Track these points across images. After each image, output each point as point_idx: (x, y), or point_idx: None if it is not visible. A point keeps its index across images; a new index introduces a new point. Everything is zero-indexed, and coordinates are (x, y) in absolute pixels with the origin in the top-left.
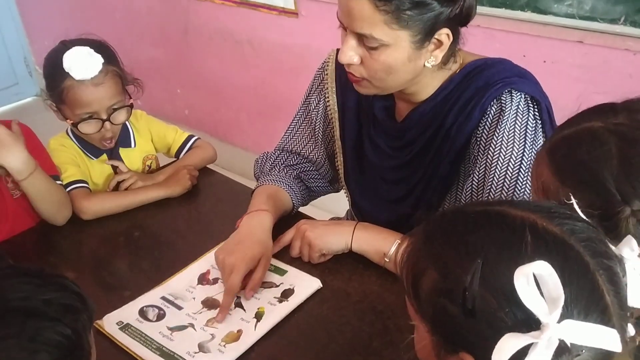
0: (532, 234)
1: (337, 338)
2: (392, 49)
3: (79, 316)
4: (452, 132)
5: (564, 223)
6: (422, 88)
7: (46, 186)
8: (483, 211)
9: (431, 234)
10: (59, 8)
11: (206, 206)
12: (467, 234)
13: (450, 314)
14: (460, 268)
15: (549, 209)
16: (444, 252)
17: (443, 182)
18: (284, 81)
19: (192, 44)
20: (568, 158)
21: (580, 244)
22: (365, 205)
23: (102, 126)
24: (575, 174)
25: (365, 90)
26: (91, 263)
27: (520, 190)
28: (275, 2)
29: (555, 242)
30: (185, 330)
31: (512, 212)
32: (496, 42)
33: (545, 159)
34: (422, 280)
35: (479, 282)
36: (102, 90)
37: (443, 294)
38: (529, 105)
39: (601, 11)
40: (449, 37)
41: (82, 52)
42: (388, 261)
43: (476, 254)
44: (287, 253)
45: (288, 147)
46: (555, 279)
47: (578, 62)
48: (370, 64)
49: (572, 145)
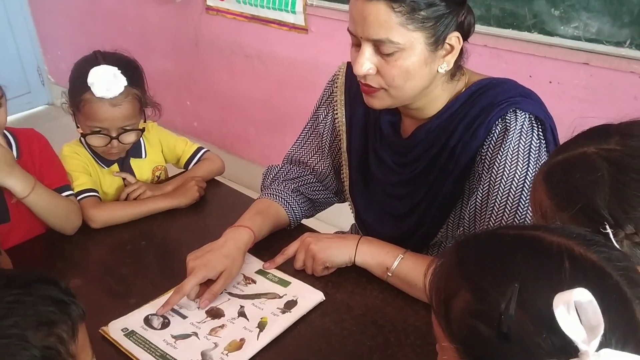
0: (570, 261)
1: (338, 350)
2: (408, 53)
3: (52, 330)
4: (457, 151)
5: (600, 251)
6: (431, 102)
7: (49, 201)
8: (518, 235)
9: (464, 255)
10: (73, 19)
11: (213, 217)
12: (503, 257)
13: (483, 337)
14: (496, 291)
15: (585, 236)
16: (479, 274)
17: (447, 199)
18: (292, 96)
19: (203, 57)
20: (563, 183)
21: (617, 272)
22: (369, 219)
23: (110, 142)
24: (570, 199)
25: (380, 102)
26: (98, 270)
27: (523, 210)
28: (286, 18)
29: (593, 270)
30: (189, 339)
31: (548, 237)
32: (502, 62)
33: (542, 184)
34: (454, 301)
35: (516, 305)
36: (118, 111)
37: (477, 316)
38: (533, 125)
39: (607, 34)
40: (459, 41)
41: (108, 72)
42: (391, 275)
43: (513, 278)
44: (290, 265)
45: (296, 157)
46: (595, 307)
47: (583, 84)
48: (388, 71)
49: (567, 170)
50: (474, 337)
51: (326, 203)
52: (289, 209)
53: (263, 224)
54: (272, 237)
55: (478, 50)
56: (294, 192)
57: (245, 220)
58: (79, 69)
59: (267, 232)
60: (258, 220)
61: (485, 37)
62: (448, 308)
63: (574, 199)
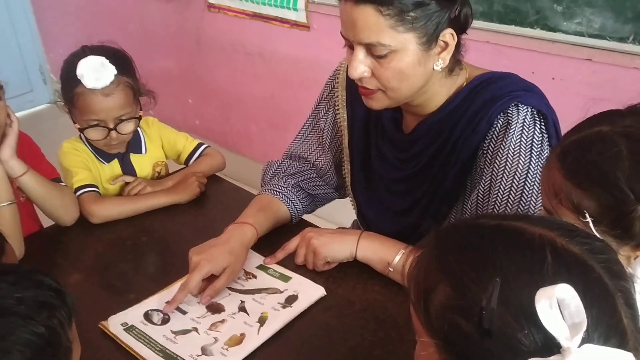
0: (552, 254)
1: (339, 346)
2: (401, 54)
3: (54, 313)
4: (458, 145)
5: (583, 242)
6: (431, 98)
7: (44, 183)
8: (498, 226)
9: (444, 246)
10: (75, 17)
11: (213, 213)
12: (483, 250)
13: (464, 333)
14: (477, 285)
15: (567, 227)
16: (459, 268)
17: (449, 195)
18: (294, 93)
19: (204, 55)
20: (580, 161)
21: (599, 265)
22: (370, 215)
23: (108, 134)
24: (588, 175)
25: (378, 103)
26: (98, 266)
27: (526, 203)
28: (288, 16)
29: (576, 263)
30: (189, 334)
31: (529, 229)
32: (505, 58)
33: (556, 164)
34: (434, 295)
35: (497, 301)
36: (112, 101)
37: (457, 311)
38: (535, 118)
39: (610, 29)
40: (453, 37)
41: (96, 61)
42: (392, 270)
43: (494, 272)
44: (291, 260)
45: (296, 152)
46: (577, 303)
47: (586, 80)
48: (382, 74)
49: (583, 148)
50: (454, 333)
51: (326, 199)
52: (290, 204)
53: (265, 221)
54: (272, 232)
55: (480, 47)
56: (294, 188)
57: (248, 217)
58: (68, 64)
59: (268, 228)
60: (260, 217)
61: (487, 34)
62: (427, 302)
63: (592, 175)
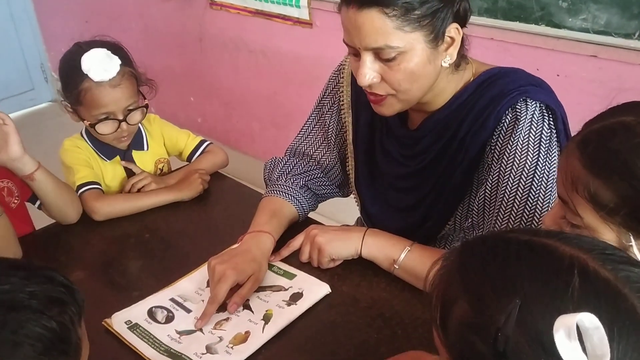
0: (580, 277)
1: (344, 343)
2: (410, 55)
3: (65, 309)
4: (466, 141)
5: (619, 268)
6: (438, 95)
7: (54, 179)
8: (528, 242)
9: (468, 259)
10: (76, 15)
11: (216, 210)
12: (507, 267)
13: (479, 352)
14: (496, 304)
15: (604, 250)
16: (480, 284)
17: (455, 191)
18: (296, 91)
19: (207, 52)
20: (601, 149)
21: (635, 294)
22: (375, 212)
23: (119, 126)
24: (608, 164)
25: (390, 109)
26: (101, 263)
27: (534, 199)
28: (290, 13)
29: (606, 290)
30: (194, 334)
31: (560, 247)
32: (509, 55)
33: (576, 152)
34: (453, 310)
35: (515, 323)
36: (119, 92)
37: (474, 330)
38: (544, 114)
39: (615, 26)
40: (458, 32)
41: (100, 53)
42: (397, 268)
43: (515, 292)
44: (296, 257)
45: (300, 149)
46: (601, 334)
47: (592, 77)
48: (392, 77)
49: (605, 137)
50: (469, 352)
51: (329, 196)
52: (299, 205)
53: (279, 227)
54: None
55: (485, 44)
56: (302, 188)
57: (264, 225)
58: (68, 62)
59: (281, 233)
60: (275, 224)
61: (491, 30)
62: (446, 317)
63: (611, 165)
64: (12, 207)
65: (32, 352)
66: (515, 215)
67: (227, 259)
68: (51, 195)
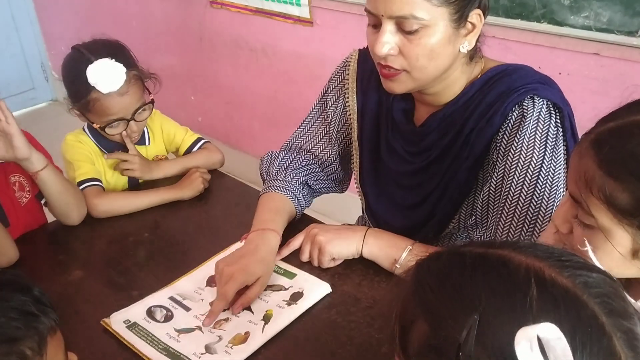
0: (538, 287)
1: (345, 343)
2: (432, 30)
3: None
4: (471, 138)
5: (576, 274)
6: (449, 86)
7: (61, 177)
8: (482, 255)
9: (424, 278)
10: (77, 15)
11: (217, 209)
12: (463, 282)
13: None
14: (454, 322)
15: (560, 256)
16: (437, 302)
17: (460, 189)
18: (297, 90)
19: (207, 51)
20: (617, 150)
21: (595, 300)
22: (379, 209)
23: (128, 126)
24: (625, 166)
25: (401, 86)
26: (100, 262)
27: (539, 198)
28: (291, 11)
29: (565, 298)
30: (193, 333)
31: (515, 257)
32: (511, 53)
33: (590, 152)
34: (412, 331)
35: (475, 340)
36: (128, 98)
37: (434, 350)
38: (551, 112)
39: (618, 23)
40: (480, 19)
41: (105, 65)
42: (399, 267)
43: (473, 307)
44: (297, 257)
45: (298, 144)
46: (563, 345)
47: (594, 74)
48: (411, 50)
49: (621, 137)
50: None
51: (325, 192)
52: (297, 202)
53: (283, 224)
54: None
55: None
56: (300, 185)
57: (269, 223)
58: (72, 70)
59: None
60: (279, 221)
61: (493, 28)
62: (406, 338)
63: (629, 167)
64: (22, 203)
65: None
66: (519, 214)
67: (235, 261)
68: (55, 195)
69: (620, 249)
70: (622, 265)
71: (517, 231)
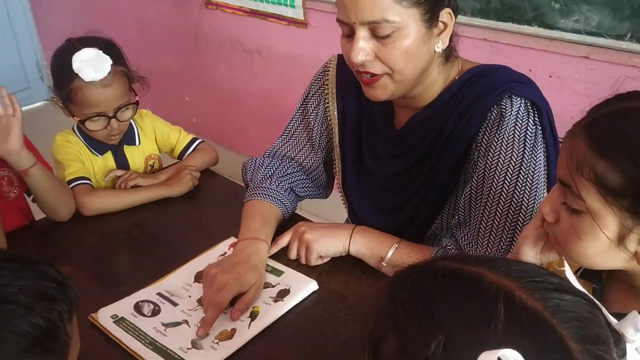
0: (506, 309)
1: (331, 339)
2: (405, 32)
3: (55, 305)
4: (452, 139)
5: (548, 297)
6: (428, 88)
7: (50, 175)
8: (455, 271)
9: (397, 291)
10: (72, 14)
11: (206, 207)
12: (433, 300)
13: None
14: (422, 341)
15: (534, 277)
16: (406, 318)
17: (442, 189)
18: (291, 91)
19: (202, 52)
20: (610, 131)
21: (565, 324)
22: (363, 213)
23: (109, 123)
24: (617, 146)
25: (384, 91)
26: (89, 258)
27: (519, 196)
28: (285, 13)
29: (532, 322)
30: (180, 327)
31: (488, 276)
32: (502, 55)
33: (582, 135)
34: (381, 346)
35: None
36: (111, 91)
37: None
38: (529, 110)
39: (607, 27)
40: (451, 17)
41: (91, 53)
42: (385, 265)
43: (440, 327)
44: (284, 254)
45: (282, 151)
46: None
47: (584, 78)
48: (387, 54)
49: (616, 119)
50: None
51: (309, 197)
52: (284, 208)
53: (271, 232)
54: None
55: (477, 44)
56: (286, 191)
57: (259, 232)
58: (59, 59)
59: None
60: (267, 230)
61: (484, 31)
62: (376, 352)
63: (621, 146)
64: (10, 197)
65: (16, 349)
66: (501, 212)
67: (228, 268)
68: (44, 193)
69: (607, 233)
70: (607, 253)
71: (499, 229)
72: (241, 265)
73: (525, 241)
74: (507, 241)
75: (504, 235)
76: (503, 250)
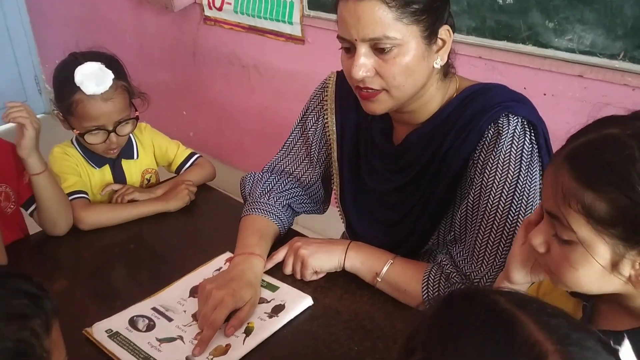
0: None
1: (325, 355)
2: (405, 48)
3: (26, 323)
4: (449, 156)
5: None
6: (426, 104)
7: (56, 184)
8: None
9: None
10: (71, 28)
11: (202, 222)
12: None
13: None
14: None
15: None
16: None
17: (439, 206)
18: (288, 106)
19: (200, 67)
20: (593, 162)
21: None
22: (360, 228)
23: (108, 137)
24: (603, 176)
25: (381, 106)
26: (85, 272)
27: (515, 214)
28: (283, 29)
29: None
30: (174, 342)
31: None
32: (497, 73)
33: (565, 166)
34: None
35: None
36: (111, 105)
37: None
38: (526, 129)
39: (601, 46)
40: (450, 34)
41: (93, 67)
42: (380, 281)
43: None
44: (279, 270)
45: (280, 166)
46: None
47: (577, 96)
48: (387, 70)
49: (597, 148)
50: None
51: (306, 212)
52: (281, 224)
53: (267, 248)
54: None
55: (473, 62)
56: (284, 207)
57: (255, 247)
58: (62, 72)
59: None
60: (264, 246)
61: (479, 49)
62: None
63: (607, 177)
64: (7, 213)
65: None
66: (496, 229)
67: (223, 284)
68: (48, 201)
69: (601, 261)
70: (602, 279)
71: (494, 246)
72: (236, 281)
73: (513, 260)
74: (502, 258)
75: (498, 252)
76: (498, 267)
